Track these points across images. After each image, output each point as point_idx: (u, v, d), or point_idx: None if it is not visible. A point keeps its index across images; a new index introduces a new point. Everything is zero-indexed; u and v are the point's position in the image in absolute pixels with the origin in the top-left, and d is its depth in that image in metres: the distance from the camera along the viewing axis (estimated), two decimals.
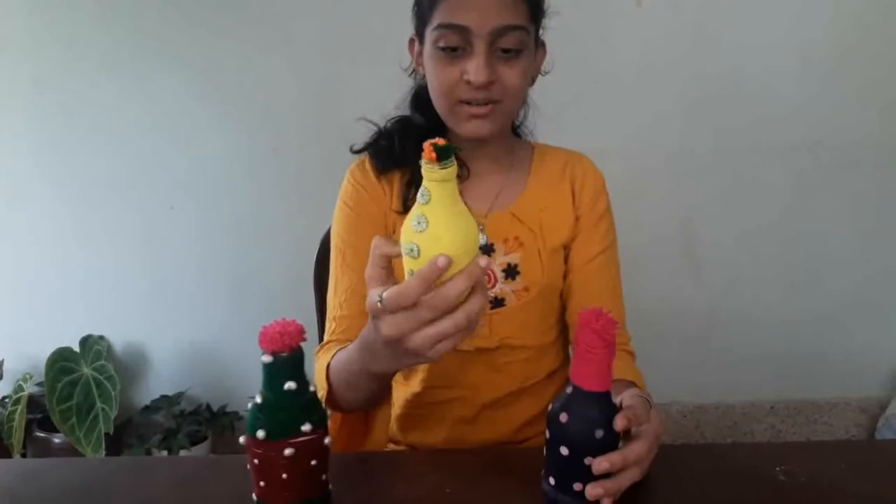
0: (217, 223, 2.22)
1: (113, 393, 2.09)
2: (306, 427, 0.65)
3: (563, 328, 1.11)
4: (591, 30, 2.06)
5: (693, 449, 0.89)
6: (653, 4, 2.05)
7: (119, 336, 2.31)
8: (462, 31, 0.90)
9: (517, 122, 1.13)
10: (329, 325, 1.06)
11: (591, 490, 0.66)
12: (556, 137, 1.14)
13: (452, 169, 0.62)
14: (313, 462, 0.67)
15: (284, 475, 0.65)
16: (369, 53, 1.02)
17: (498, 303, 1.02)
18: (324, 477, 0.69)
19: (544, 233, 1.02)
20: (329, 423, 0.74)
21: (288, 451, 0.64)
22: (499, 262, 1.02)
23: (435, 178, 0.62)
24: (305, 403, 0.66)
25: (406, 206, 1.02)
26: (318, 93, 2.11)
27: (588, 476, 0.66)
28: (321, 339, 1.16)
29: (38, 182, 2.21)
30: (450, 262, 0.61)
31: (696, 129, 2.13)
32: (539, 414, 1.08)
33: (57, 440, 2.14)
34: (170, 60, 2.12)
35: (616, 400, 0.69)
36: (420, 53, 1.00)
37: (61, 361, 2.12)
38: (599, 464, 0.65)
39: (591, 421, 0.65)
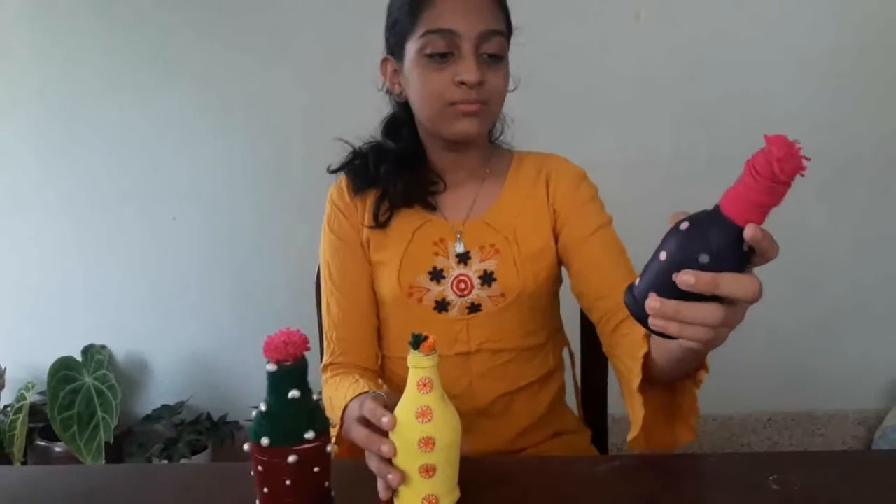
0: (219, 233, 2.24)
1: (114, 402, 2.10)
2: (309, 434, 0.66)
3: (555, 332, 1.13)
4: (590, 43, 2.09)
5: (687, 458, 0.90)
6: (651, 19, 2.08)
7: (121, 345, 2.32)
8: (450, 34, 0.94)
9: (494, 136, 1.15)
10: (328, 346, 1.10)
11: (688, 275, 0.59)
12: (551, 148, 1.15)
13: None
14: (316, 469, 0.68)
15: (288, 482, 0.67)
16: (373, 65, 1.04)
17: (474, 308, 1.04)
18: (326, 484, 0.70)
19: (519, 239, 1.04)
20: (333, 430, 0.76)
21: (291, 458, 0.66)
22: (475, 269, 1.04)
23: (432, 363, 0.71)
24: (309, 411, 0.68)
25: (377, 221, 1.06)
26: (322, 104, 2.13)
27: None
28: (322, 350, 1.18)
29: (41, 191, 2.23)
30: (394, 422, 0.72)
31: (693, 142, 2.16)
32: (534, 424, 1.09)
33: (57, 449, 2.15)
34: (172, 71, 2.15)
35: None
36: (396, 72, 1.04)
37: (63, 370, 2.13)
38: (684, 274, 0.60)
39: (708, 242, 0.60)
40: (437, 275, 1.04)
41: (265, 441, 0.66)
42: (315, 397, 0.69)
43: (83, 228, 2.25)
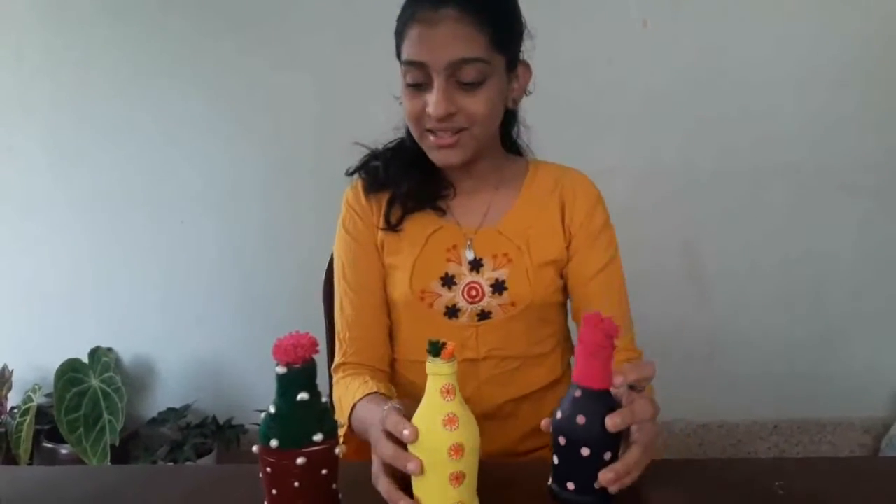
0: (228, 238, 2.25)
1: (120, 405, 2.11)
2: (318, 437, 0.67)
3: (563, 340, 1.13)
4: (597, 50, 2.09)
5: (693, 464, 0.90)
6: (658, 26, 2.09)
7: (128, 348, 2.33)
8: (421, 66, 0.95)
9: (514, 138, 1.15)
10: (340, 346, 1.10)
11: (603, 475, 0.70)
12: (558, 157, 1.16)
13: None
14: (324, 471, 0.68)
15: (296, 484, 0.67)
16: (384, 72, 1.05)
17: (485, 315, 1.05)
18: (334, 486, 0.70)
19: (531, 249, 1.05)
20: (341, 430, 0.76)
21: (300, 461, 0.66)
22: (486, 276, 1.04)
23: (454, 369, 0.70)
24: (317, 414, 0.68)
25: (388, 223, 1.07)
26: (332, 110, 2.14)
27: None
28: (329, 352, 1.18)
29: (51, 194, 2.25)
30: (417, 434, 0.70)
31: (699, 151, 2.16)
32: (539, 427, 1.09)
33: (63, 451, 2.16)
34: (183, 76, 2.17)
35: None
36: None
37: (70, 372, 2.14)
38: (605, 475, 0.69)
39: (606, 417, 0.69)
40: (448, 281, 1.05)
41: (274, 443, 0.67)
42: (324, 400, 0.70)
43: (93, 231, 2.26)
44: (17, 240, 2.28)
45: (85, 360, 2.19)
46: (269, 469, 0.68)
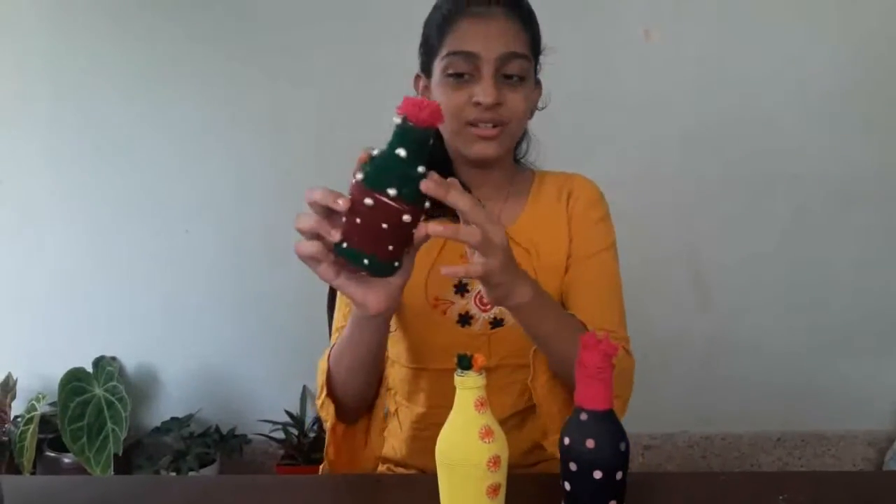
0: (231, 247, 2.25)
1: (124, 414, 2.11)
2: (392, 191, 0.69)
3: None
4: (601, 63, 2.11)
5: (696, 477, 0.90)
6: (661, 39, 2.10)
7: (131, 357, 2.33)
8: (471, 57, 0.98)
9: (520, 156, 1.17)
10: (332, 337, 1.11)
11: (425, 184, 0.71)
12: (561, 165, 1.17)
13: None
14: (384, 226, 0.71)
15: (358, 220, 0.71)
16: (385, 80, 1.06)
17: (498, 323, 1.05)
18: (390, 248, 0.73)
19: (540, 253, 1.05)
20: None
21: (367, 201, 0.69)
22: None
23: (484, 381, 0.71)
24: (403, 175, 0.70)
25: None
26: (334, 119, 2.16)
27: (618, 492, 0.70)
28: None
29: (53, 202, 2.25)
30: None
31: (701, 160, 2.16)
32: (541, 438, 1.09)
33: (67, 460, 2.16)
34: (186, 84, 2.18)
35: None
36: (426, 88, 1.07)
37: (74, 381, 2.14)
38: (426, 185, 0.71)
39: (614, 437, 0.69)
40: (461, 288, 1.05)
41: (359, 176, 0.71)
42: (420, 170, 0.70)
43: (95, 240, 2.27)
44: (20, 248, 2.28)
45: (89, 369, 2.19)
46: (350, 197, 0.72)
